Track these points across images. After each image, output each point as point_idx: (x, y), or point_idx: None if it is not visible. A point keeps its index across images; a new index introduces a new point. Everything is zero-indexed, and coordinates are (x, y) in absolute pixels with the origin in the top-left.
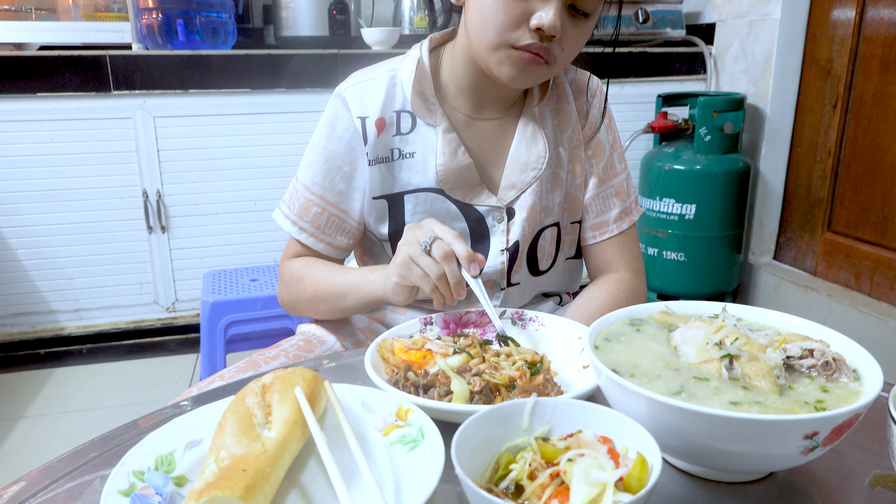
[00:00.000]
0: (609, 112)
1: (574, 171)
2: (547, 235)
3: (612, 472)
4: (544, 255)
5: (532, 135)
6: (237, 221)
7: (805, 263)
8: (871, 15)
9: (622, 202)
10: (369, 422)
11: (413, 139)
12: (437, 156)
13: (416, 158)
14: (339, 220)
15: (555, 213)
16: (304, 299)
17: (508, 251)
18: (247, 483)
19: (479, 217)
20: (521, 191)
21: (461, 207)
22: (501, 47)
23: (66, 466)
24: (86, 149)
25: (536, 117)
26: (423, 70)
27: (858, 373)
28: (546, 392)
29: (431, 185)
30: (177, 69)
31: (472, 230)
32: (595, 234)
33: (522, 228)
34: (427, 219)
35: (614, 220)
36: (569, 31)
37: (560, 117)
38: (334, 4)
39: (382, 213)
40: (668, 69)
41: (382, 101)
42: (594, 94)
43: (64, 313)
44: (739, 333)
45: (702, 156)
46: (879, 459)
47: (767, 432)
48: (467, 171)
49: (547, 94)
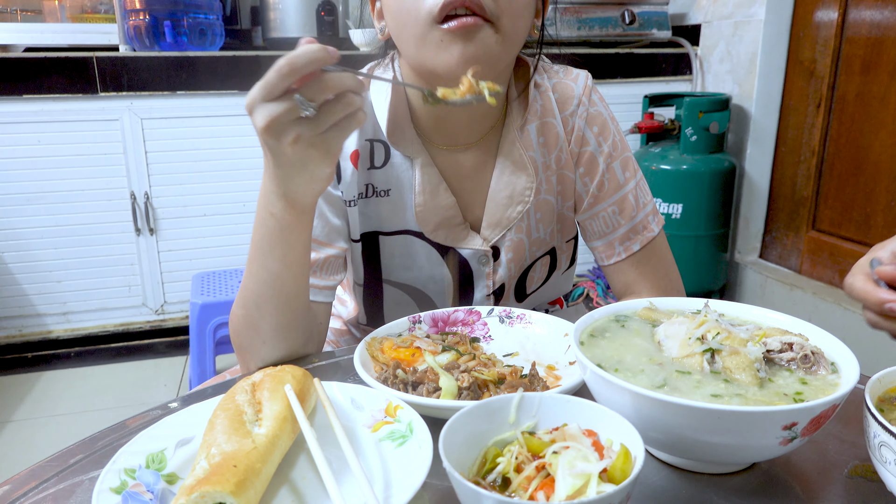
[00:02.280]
0: (603, 118)
1: (564, 192)
2: (538, 266)
3: (597, 464)
4: (533, 282)
5: (515, 162)
6: (226, 223)
7: (790, 262)
8: (853, 16)
9: (629, 219)
10: (359, 418)
11: (388, 174)
12: (416, 194)
13: (391, 197)
14: (335, 258)
15: (546, 243)
16: (249, 308)
17: (494, 294)
18: (237, 479)
19: (463, 261)
20: (506, 228)
21: (442, 251)
22: (427, 32)
23: (55, 468)
24: (73, 151)
25: (519, 139)
26: (399, 93)
27: (836, 365)
28: (533, 387)
29: (409, 226)
30: (164, 71)
31: (455, 276)
32: (602, 257)
33: (509, 269)
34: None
35: (620, 242)
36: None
37: (546, 134)
38: (322, 6)
39: (356, 257)
40: (655, 70)
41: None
42: (580, 102)
43: (51, 316)
44: (721, 328)
45: (688, 156)
46: (858, 450)
47: (747, 423)
48: (450, 210)
49: (528, 108)
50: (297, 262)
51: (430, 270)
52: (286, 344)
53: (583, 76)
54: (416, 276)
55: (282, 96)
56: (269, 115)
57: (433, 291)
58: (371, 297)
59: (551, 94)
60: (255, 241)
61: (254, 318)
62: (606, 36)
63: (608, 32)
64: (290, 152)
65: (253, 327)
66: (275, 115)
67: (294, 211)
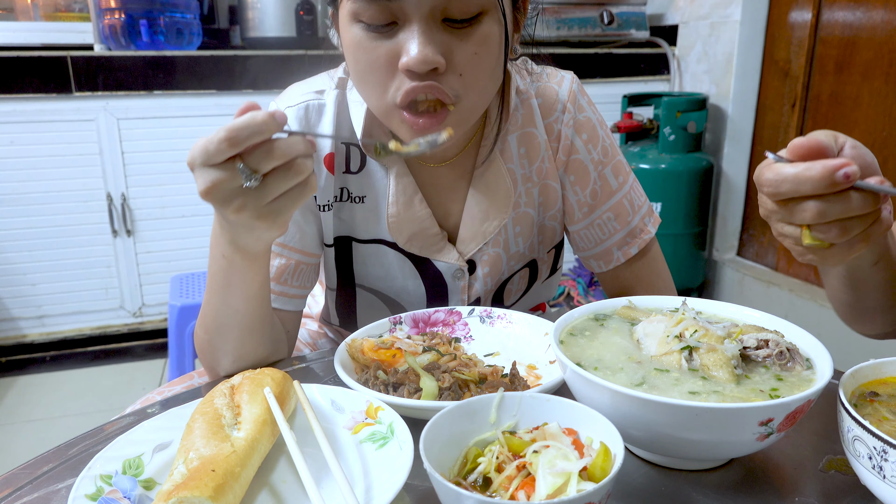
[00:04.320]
0: (591, 123)
1: (547, 203)
2: (516, 279)
3: (576, 462)
4: (511, 294)
5: (493, 177)
6: (204, 224)
7: (767, 259)
8: (826, 17)
9: (625, 224)
10: (339, 420)
11: (363, 181)
12: (389, 204)
13: (366, 204)
14: (306, 266)
15: (525, 256)
16: (211, 334)
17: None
18: (216, 483)
19: (437, 274)
20: (482, 242)
21: (417, 262)
22: (390, 110)
23: (28, 475)
24: (47, 152)
25: (497, 151)
26: None
27: (811, 361)
28: (514, 387)
29: (383, 236)
30: (141, 70)
31: (429, 288)
32: (600, 264)
33: (485, 283)
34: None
35: (618, 247)
36: (457, 50)
37: (528, 145)
38: (301, 5)
39: (329, 261)
40: (633, 70)
41: (332, 130)
42: (565, 108)
43: (26, 320)
44: (698, 326)
45: (666, 155)
46: (832, 445)
47: (725, 420)
48: (425, 222)
49: (508, 118)
50: (256, 297)
51: (403, 281)
52: (251, 360)
53: (567, 79)
54: (389, 285)
55: (224, 163)
56: (209, 181)
57: (406, 301)
58: (344, 301)
59: (534, 100)
60: (211, 274)
61: (216, 342)
62: (585, 36)
63: (587, 32)
64: (234, 218)
65: (217, 349)
66: (214, 181)
67: (247, 257)
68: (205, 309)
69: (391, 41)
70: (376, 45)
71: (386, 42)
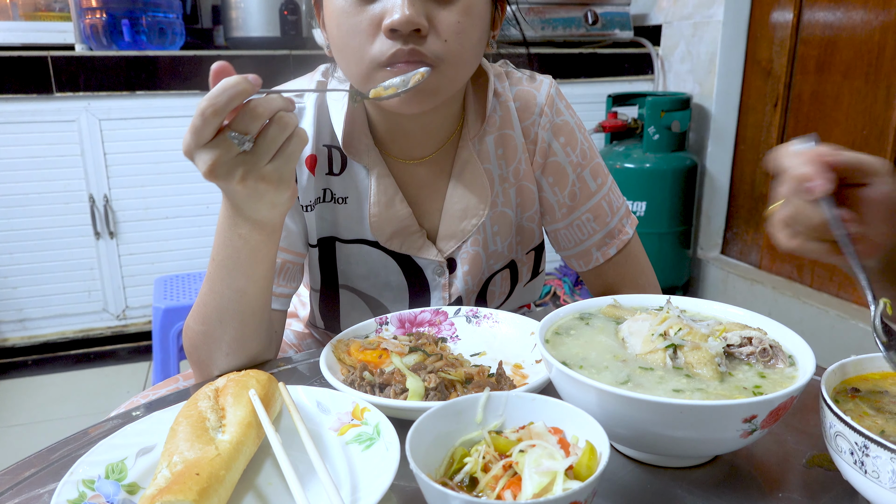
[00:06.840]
0: (570, 127)
1: (524, 204)
2: (497, 280)
3: (562, 461)
4: (494, 298)
5: (471, 175)
6: (188, 225)
7: (751, 257)
8: (807, 17)
9: (604, 225)
10: (325, 422)
11: (346, 182)
12: (371, 204)
13: (348, 205)
14: (293, 265)
15: (504, 256)
16: (210, 324)
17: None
18: (200, 486)
19: (419, 270)
20: (461, 241)
21: (399, 259)
22: (372, 73)
23: (11, 480)
24: (28, 153)
25: (475, 152)
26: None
27: (794, 358)
28: (500, 386)
29: (365, 236)
30: (123, 70)
31: (411, 284)
32: (580, 264)
33: (465, 282)
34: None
35: (597, 248)
36: (441, 16)
37: (505, 146)
38: (285, 5)
39: (312, 262)
40: (618, 70)
41: (313, 132)
42: (542, 111)
43: (7, 324)
44: (682, 324)
45: (651, 154)
46: (815, 441)
47: (709, 417)
48: (406, 220)
49: (486, 119)
50: (264, 276)
51: (385, 278)
52: (246, 354)
53: (546, 84)
54: (372, 283)
55: (215, 138)
56: (208, 160)
57: (388, 299)
58: (327, 302)
59: (511, 103)
60: (219, 260)
61: (215, 332)
62: (570, 36)
63: (571, 32)
64: (242, 189)
65: (214, 341)
66: (213, 159)
67: (263, 231)
68: (204, 299)
69: (375, 5)
70: (360, 9)
71: (370, 6)
